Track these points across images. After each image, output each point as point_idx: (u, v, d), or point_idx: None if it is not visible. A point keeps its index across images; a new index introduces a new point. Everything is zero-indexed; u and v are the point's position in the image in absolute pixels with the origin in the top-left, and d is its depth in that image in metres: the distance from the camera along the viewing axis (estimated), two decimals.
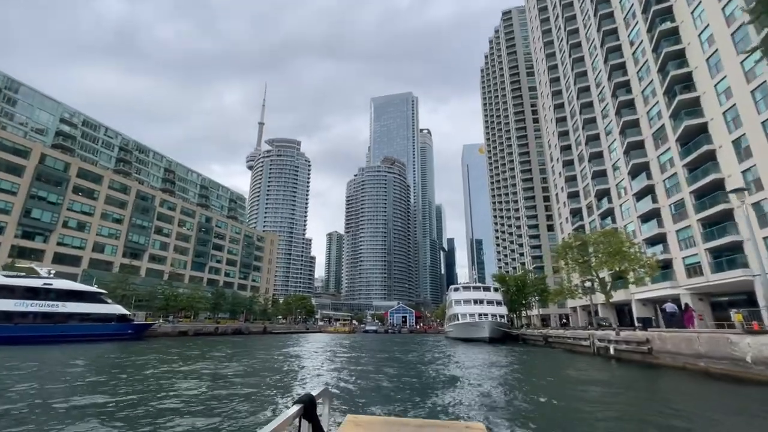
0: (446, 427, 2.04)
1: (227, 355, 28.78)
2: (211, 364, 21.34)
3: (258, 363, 22.35)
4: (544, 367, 22.18)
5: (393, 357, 26.82)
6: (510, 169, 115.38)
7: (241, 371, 18.62)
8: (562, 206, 63.56)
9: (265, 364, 21.97)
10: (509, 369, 20.18)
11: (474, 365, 21.41)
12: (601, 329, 23.60)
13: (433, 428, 2.00)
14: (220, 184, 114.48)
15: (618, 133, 45.35)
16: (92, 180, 70.81)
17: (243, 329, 72.14)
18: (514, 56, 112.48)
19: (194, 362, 22.68)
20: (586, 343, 26.05)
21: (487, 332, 45.22)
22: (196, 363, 22.25)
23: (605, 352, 22.95)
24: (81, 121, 77.46)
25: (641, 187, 40.78)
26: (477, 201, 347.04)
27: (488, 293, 57.34)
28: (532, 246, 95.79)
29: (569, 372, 18.67)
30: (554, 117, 64.10)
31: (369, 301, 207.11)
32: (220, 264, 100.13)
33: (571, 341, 29.26)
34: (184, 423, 9.35)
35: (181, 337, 55.75)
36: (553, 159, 67.25)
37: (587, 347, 26.04)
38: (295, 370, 19.82)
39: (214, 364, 21.43)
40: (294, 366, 21.39)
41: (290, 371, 19.02)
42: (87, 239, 68.69)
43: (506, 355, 29.55)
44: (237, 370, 19.10)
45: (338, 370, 19.27)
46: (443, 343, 47.70)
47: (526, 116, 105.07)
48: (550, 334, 34.97)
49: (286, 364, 21.82)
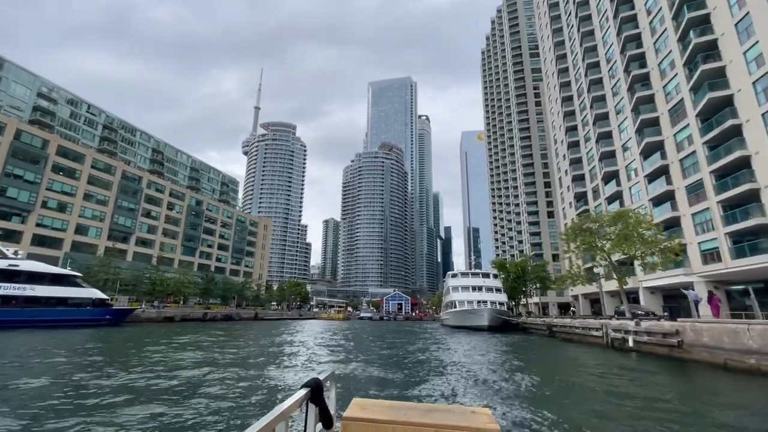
0: (452, 411, 2.02)
1: (204, 343, 26.32)
2: (173, 355, 18.78)
3: (218, 355, 19.78)
4: (553, 360, 19.80)
5: (383, 351, 24.38)
6: (510, 154, 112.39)
7: (191, 366, 16.06)
8: (565, 190, 60.94)
9: (223, 357, 19.41)
10: (515, 363, 17.75)
11: (474, 360, 18.97)
12: (637, 318, 20.86)
13: (440, 412, 1.99)
14: (211, 167, 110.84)
15: (630, 111, 42.43)
16: (73, 159, 67.29)
17: (233, 315, 69.91)
18: (517, 36, 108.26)
19: (165, 351, 20.15)
20: (598, 334, 23.70)
21: (486, 320, 43.02)
22: (167, 351, 19.74)
23: (621, 344, 20.59)
24: (61, 97, 73.32)
25: (654, 167, 38.11)
26: (475, 189, 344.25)
27: (487, 280, 55.00)
28: (532, 233, 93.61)
29: (590, 368, 16.24)
30: (560, 96, 60.91)
31: (365, 288, 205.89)
32: (212, 249, 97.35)
33: (579, 331, 26.94)
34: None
35: (166, 324, 53.38)
36: (557, 141, 64.33)
37: (599, 338, 23.71)
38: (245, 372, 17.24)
39: (177, 355, 18.91)
40: (252, 364, 18.82)
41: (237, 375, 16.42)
42: (69, 221, 65.57)
43: (509, 345, 27.25)
44: (191, 363, 16.55)
45: (310, 367, 16.70)
46: (440, 332, 45.57)
47: (528, 99, 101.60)
48: (555, 323, 32.70)
49: (241, 361, 19.23)
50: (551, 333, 33.30)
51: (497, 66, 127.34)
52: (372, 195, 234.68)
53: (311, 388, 1.95)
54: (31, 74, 69.55)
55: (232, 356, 18.76)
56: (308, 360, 17.91)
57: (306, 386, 1.95)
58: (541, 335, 36.57)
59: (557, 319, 36.57)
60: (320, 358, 18.23)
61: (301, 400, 1.85)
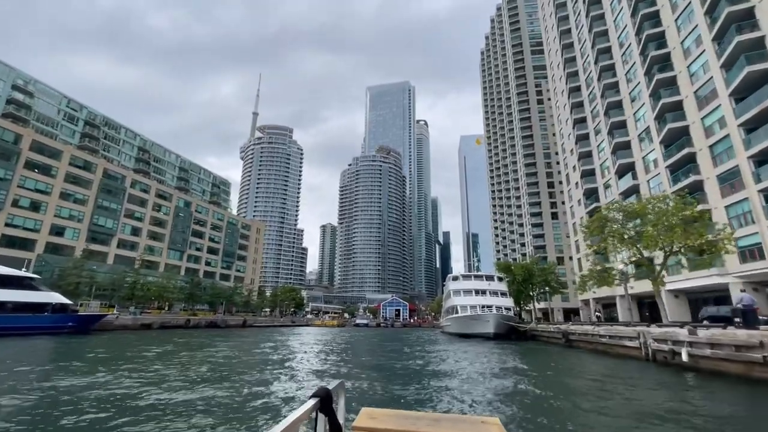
0: (462, 420, 2.06)
1: (162, 353, 22.11)
2: (117, 373, 14.57)
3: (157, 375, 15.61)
4: (585, 379, 15.64)
5: (370, 373, 20.19)
6: (512, 154, 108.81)
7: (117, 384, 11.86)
8: (573, 187, 57.08)
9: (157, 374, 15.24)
10: (539, 387, 13.61)
11: (483, 379, 14.80)
12: (727, 323, 16.43)
13: (449, 422, 2.02)
14: (201, 167, 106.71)
15: (648, 96, 38.73)
16: (49, 155, 63.20)
17: (219, 322, 65.37)
18: (518, 33, 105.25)
19: (112, 366, 15.93)
20: (632, 344, 19.56)
21: (492, 327, 38.73)
22: (114, 367, 15.54)
23: (669, 357, 16.48)
24: (38, 90, 69.33)
25: (679, 156, 34.24)
26: (474, 194, 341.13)
27: (492, 283, 50.67)
28: (535, 235, 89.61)
29: (640, 392, 12.10)
30: (566, 88, 57.35)
31: (362, 293, 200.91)
32: (201, 252, 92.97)
33: (606, 340, 22.78)
34: None
35: (142, 332, 48.98)
36: (564, 136, 60.64)
37: (633, 349, 19.57)
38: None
39: (115, 369, 14.72)
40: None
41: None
42: (42, 221, 61.31)
43: (521, 358, 23.06)
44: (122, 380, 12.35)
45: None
46: (440, 341, 41.29)
47: (530, 97, 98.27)
48: (573, 330, 28.47)
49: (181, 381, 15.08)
50: (568, 342, 29.11)
51: (497, 65, 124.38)
52: (370, 199, 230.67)
53: (321, 397, 1.89)
54: (6, 65, 65.66)
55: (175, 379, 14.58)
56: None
57: (315, 396, 1.89)
58: (555, 344, 32.37)
59: (575, 325, 32.30)
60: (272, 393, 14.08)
61: (311, 410, 1.80)
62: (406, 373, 16.99)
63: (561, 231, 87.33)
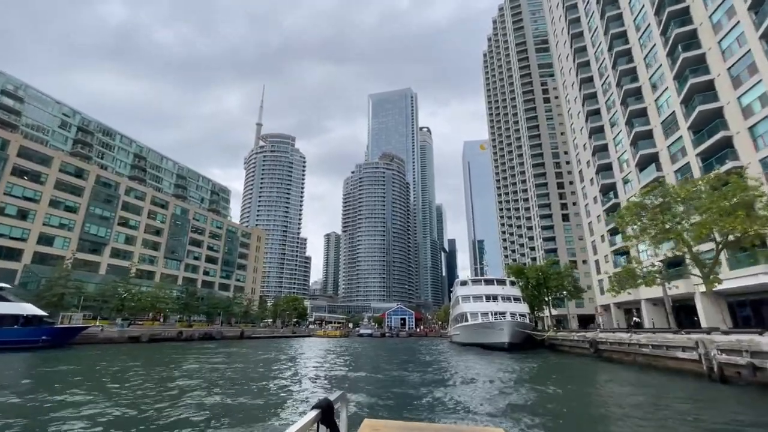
0: (465, 431, 1.73)
1: (123, 369, 18.78)
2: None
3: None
4: (640, 408, 12.01)
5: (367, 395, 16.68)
6: (519, 155, 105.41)
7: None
8: (588, 185, 53.45)
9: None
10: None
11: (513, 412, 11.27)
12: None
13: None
14: (200, 174, 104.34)
15: (672, 79, 35.35)
16: (39, 161, 60.99)
17: (215, 334, 61.88)
18: (522, 32, 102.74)
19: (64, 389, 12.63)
20: (687, 356, 15.89)
21: (506, 336, 34.87)
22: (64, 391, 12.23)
23: (748, 374, 12.84)
24: (29, 95, 67.47)
25: (711, 142, 30.67)
26: (479, 200, 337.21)
27: (504, 287, 46.67)
28: (545, 238, 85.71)
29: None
30: (577, 80, 54.15)
31: (367, 303, 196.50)
32: (199, 261, 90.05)
33: (649, 351, 19.05)
34: None
35: (129, 345, 45.75)
36: (576, 130, 57.22)
37: (690, 362, 15.89)
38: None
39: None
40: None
41: None
42: (30, 229, 58.76)
43: (545, 374, 19.37)
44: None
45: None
46: (449, 352, 37.51)
47: (536, 95, 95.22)
48: (603, 339, 24.63)
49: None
50: (597, 352, 25.29)
51: (500, 66, 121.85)
52: (373, 206, 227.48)
53: (322, 409, 1.87)
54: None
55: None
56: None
57: (317, 407, 1.87)
58: (580, 355, 28.52)
59: (605, 332, 28.29)
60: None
61: (312, 422, 1.76)
62: (409, 400, 13.47)
63: (573, 233, 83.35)
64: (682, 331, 20.00)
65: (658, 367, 18.43)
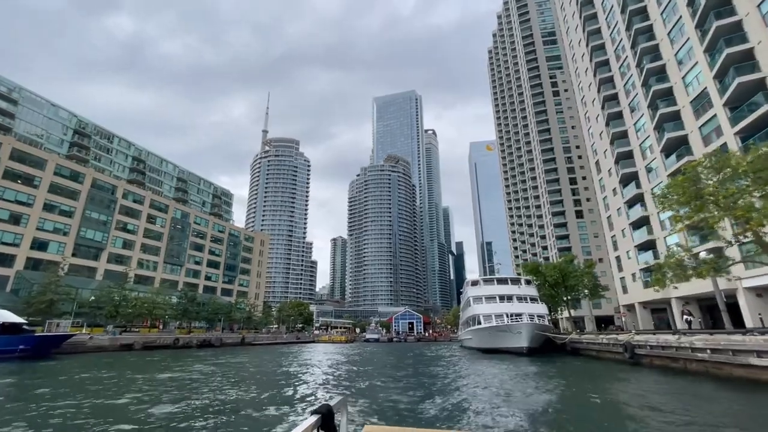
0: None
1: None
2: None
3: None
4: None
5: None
6: (528, 151, 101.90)
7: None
8: (605, 176, 49.90)
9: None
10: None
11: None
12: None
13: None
14: (201, 178, 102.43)
15: (702, 53, 31.98)
16: (32, 164, 59.26)
17: (213, 341, 59.14)
18: (528, 24, 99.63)
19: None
20: (764, 363, 12.56)
21: (525, 340, 31.46)
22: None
23: None
24: (23, 98, 65.97)
25: (753, 118, 27.22)
26: (486, 202, 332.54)
27: (519, 287, 42.92)
28: (558, 236, 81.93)
29: None
30: (591, 66, 50.86)
31: (374, 307, 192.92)
32: (200, 266, 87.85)
33: (707, 357, 15.63)
34: None
35: (120, 353, 43.22)
36: (591, 119, 53.78)
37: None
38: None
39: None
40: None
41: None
42: (23, 234, 56.84)
43: (584, 389, 16.07)
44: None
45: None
46: (462, 360, 34.17)
47: (545, 89, 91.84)
48: (641, 342, 21.10)
49: None
50: (633, 357, 21.83)
51: (507, 62, 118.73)
52: (379, 209, 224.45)
53: (322, 414, 1.84)
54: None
55: None
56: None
57: (316, 413, 1.84)
58: (611, 361, 25.05)
59: (643, 334, 24.59)
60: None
61: (312, 428, 1.74)
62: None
63: (588, 230, 79.51)
64: (754, 332, 16.51)
65: (719, 376, 15.05)
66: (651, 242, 40.45)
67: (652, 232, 40.14)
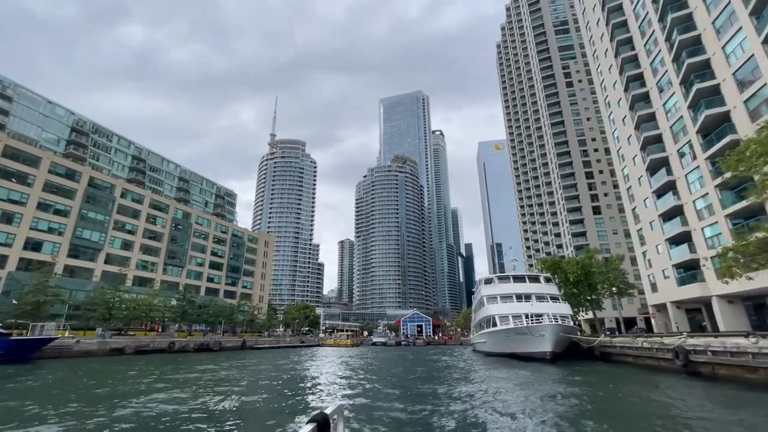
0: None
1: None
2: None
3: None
4: None
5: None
6: (540, 146, 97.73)
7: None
8: (630, 164, 45.85)
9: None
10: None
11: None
12: None
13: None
14: (203, 178, 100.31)
15: (748, 15, 28.08)
16: (25, 161, 57.31)
17: (212, 344, 56.22)
18: (539, 14, 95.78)
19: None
20: None
21: (549, 344, 27.70)
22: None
23: None
24: (18, 94, 64.35)
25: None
26: (496, 203, 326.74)
27: (538, 285, 38.92)
28: (574, 234, 77.70)
29: None
30: (612, 46, 47.03)
31: (382, 310, 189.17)
32: (202, 267, 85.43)
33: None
34: None
35: (109, 358, 40.61)
36: (612, 104, 49.81)
37: None
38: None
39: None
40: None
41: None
42: (15, 234, 54.80)
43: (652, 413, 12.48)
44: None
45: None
46: (473, 364, 30.54)
47: (558, 80, 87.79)
48: (699, 347, 17.23)
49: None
50: (686, 365, 18.04)
51: (516, 55, 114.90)
52: (387, 210, 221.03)
53: (318, 423, 1.83)
54: None
55: None
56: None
57: (313, 421, 1.83)
58: (655, 369, 21.23)
59: (700, 337, 20.51)
60: None
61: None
62: None
63: (606, 227, 75.15)
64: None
65: None
66: (685, 234, 36.39)
67: (686, 223, 36.09)
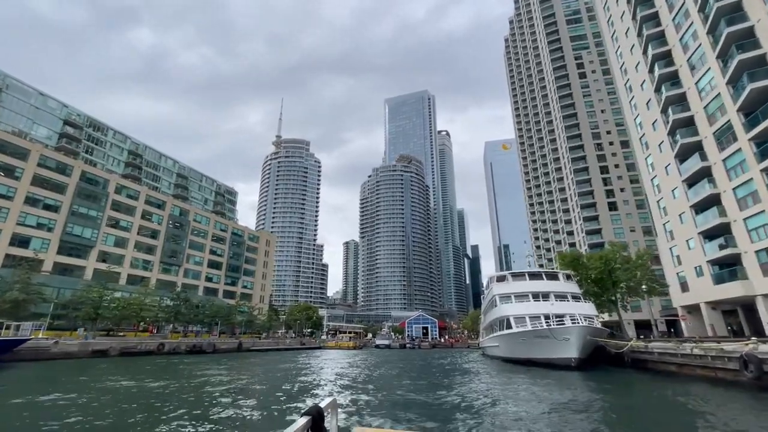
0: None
1: None
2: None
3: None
4: None
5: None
6: (551, 140, 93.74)
7: None
8: (655, 152, 41.97)
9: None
10: None
11: None
12: None
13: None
14: (203, 174, 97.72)
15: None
16: (13, 154, 54.90)
17: (205, 346, 53.21)
18: (549, 3, 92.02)
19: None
20: None
21: (574, 349, 23.98)
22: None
23: None
24: (10, 86, 62.11)
25: None
26: (503, 203, 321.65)
27: (557, 283, 34.81)
28: (588, 232, 73.58)
29: None
30: (634, 24, 43.33)
31: (387, 311, 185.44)
32: (200, 266, 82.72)
33: None
34: None
35: (91, 360, 37.69)
36: (633, 88, 45.97)
37: None
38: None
39: None
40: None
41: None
42: (2, 229, 52.37)
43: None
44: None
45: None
46: (486, 372, 26.93)
47: (570, 71, 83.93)
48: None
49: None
50: (760, 378, 14.44)
51: (525, 48, 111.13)
52: (392, 210, 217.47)
53: (312, 416, 1.85)
54: None
55: None
56: None
57: (307, 414, 1.86)
58: (706, 380, 17.57)
59: (736, 341, 16.99)
60: None
61: (302, 429, 1.76)
62: None
63: (623, 224, 70.97)
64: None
65: None
66: (723, 226, 32.50)
67: (724, 213, 32.20)
